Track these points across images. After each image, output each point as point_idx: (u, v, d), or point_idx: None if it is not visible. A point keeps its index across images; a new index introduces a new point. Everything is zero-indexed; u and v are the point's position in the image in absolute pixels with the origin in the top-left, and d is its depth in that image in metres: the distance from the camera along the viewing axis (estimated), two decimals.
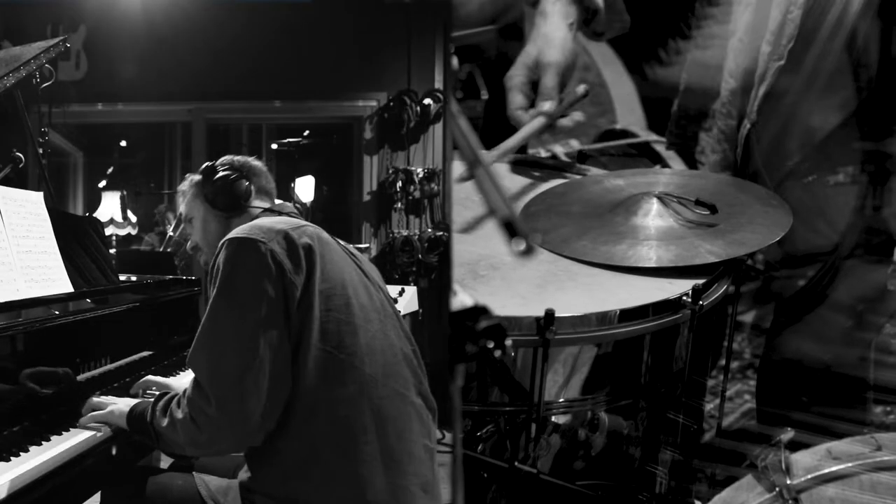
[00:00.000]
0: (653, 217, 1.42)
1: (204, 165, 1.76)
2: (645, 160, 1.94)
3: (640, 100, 2.07)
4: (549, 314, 1.16)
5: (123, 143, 7.06)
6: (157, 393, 1.64)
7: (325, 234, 1.55)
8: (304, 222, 1.57)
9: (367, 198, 4.87)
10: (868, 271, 1.60)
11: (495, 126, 1.68)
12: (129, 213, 6.38)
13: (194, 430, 1.40)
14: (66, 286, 1.86)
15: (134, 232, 6.35)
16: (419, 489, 1.45)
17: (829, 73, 1.60)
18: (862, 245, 1.62)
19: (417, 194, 4.75)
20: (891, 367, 1.57)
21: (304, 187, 4.67)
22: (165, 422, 1.43)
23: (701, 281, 1.27)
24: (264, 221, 1.54)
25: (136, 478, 1.57)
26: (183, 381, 1.77)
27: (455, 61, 1.90)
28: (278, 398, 1.39)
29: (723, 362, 1.51)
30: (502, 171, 1.71)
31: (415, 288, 4.09)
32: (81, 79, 4.70)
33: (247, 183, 1.70)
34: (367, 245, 4.83)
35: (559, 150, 1.86)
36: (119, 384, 1.85)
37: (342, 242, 1.61)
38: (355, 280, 1.52)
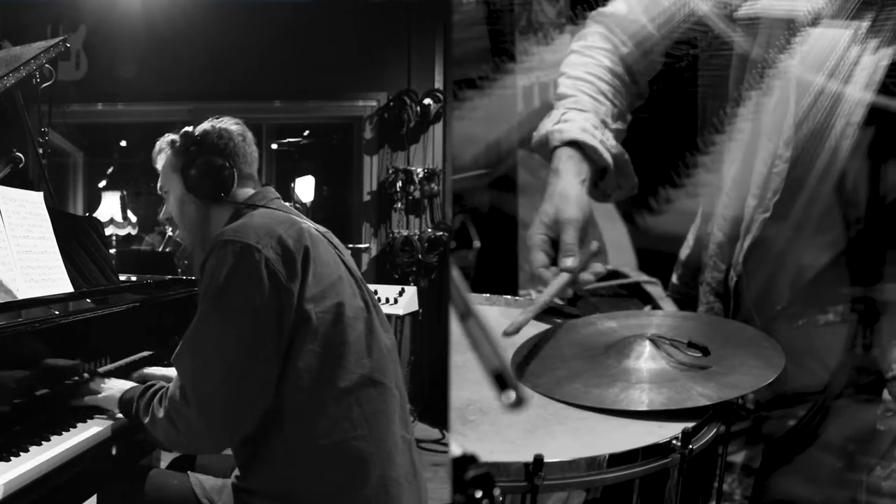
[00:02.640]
0: (645, 359, 1.42)
1: (182, 132, 1.65)
2: (636, 300, 1.96)
3: (632, 241, 2.09)
4: (538, 459, 1.17)
5: (123, 143, 7.07)
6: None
7: (313, 230, 1.54)
8: (293, 217, 1.55)
9: (367, 198, 4.87)
10: (858, 411, 1.60)
11: (487, 275, 1.71)
12: (129, 213, 6.38)
13: (172, 430, 1.42)
14: (66, 286, 1.87)
15: (134, 232, 6.35)
16: (404, 479, 1.48)
17: (818, 215, 1.61)
18: (852, 384, 1.63)
19: (417, 194, 4.75)
20: None
21: (304, 187, 4.68)
22: (147, 418, 1.46)
23: (691, 424, 1.27)
24: (255, 220, 1.50)
25: (134, 478, 1.57)
26: None
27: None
28: (258, 406, 1.40)
29: None
30: (494, 313, 1.73)
31: (415, 288, 4.10)
32: (81, 79, 4.71)
33: (229, 172, 1.60)
34: (367, 245, 4.83)
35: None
36: None
37: (324, 233, 1.60)
38: (343, 278, 1.51)
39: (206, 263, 1.44)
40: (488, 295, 1.76)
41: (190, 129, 1.66)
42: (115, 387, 1.62)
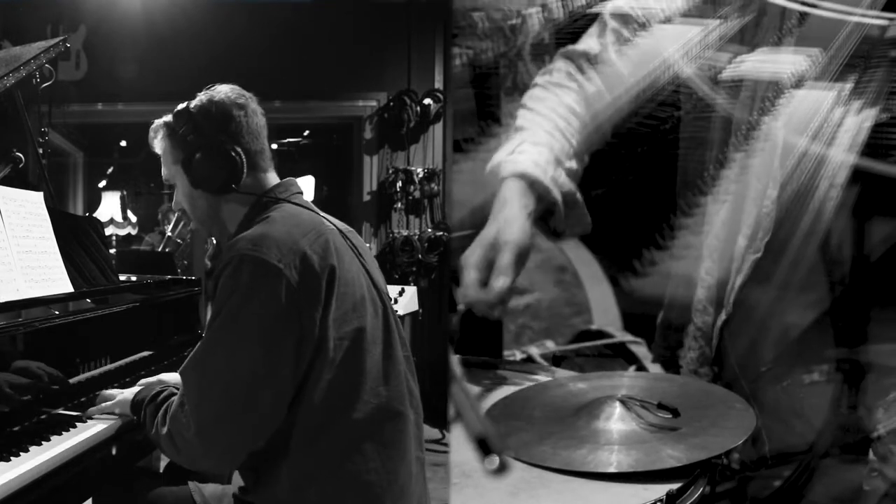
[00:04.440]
0: (615, 421, 1.42)
1: (176, 113, 1.49)
2: (620, 360, 1.96)
3: (616, 300, 2.09)
4: None
5: (123, 143, 7.07)
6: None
7: (339, 240, 1.43)
8: (316, 222, 1.44)
9: (367, 198, 4.87)
10: (844, 471, 1.60)
11: (471, 336, 1.70)
12: (129, 213, 6.39)
13: (173, 448, 1.37)
14: (66, 286, 1.86)
15: (134, 232, 6.36)
16: None
17: (802, 275, 1.61)
18: (838, 444, 1.62)
19: (417, 194, 4.75)
20: None
21: (305, 187, 4.66)
22: (153, 431, 1.42)
23: (676, 486, 1.27)
24: (277, 231, 1.35)
25: (133, 480, 1.57)
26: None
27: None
28: (263, 432, 1.33)
29: None
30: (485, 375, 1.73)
31: (415, 288, 4.09)
32: (81, 79, 4.70)
33: (235, 157, 1.44)
34: (367, 245, 4.84)
35: (534, 351, 1.88)
36: (119, 384, 1.85)
37: (351, 239, 1.49)
38: (365, 296, 1.42)
39: (221, 276, 1.33)
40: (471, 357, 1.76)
41: (182, 107, 1.49)
42: (128, 391, 1.58)
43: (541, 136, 1.66)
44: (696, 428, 1.39)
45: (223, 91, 1.49)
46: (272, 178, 1.53)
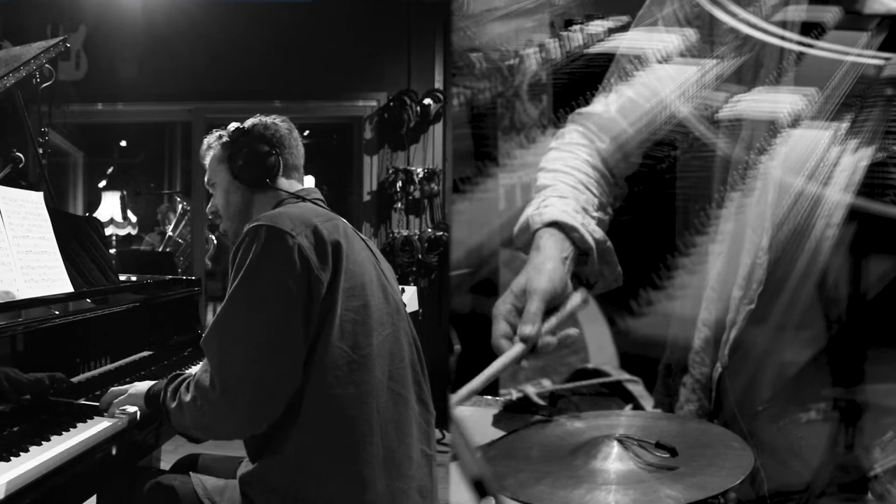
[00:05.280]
0: (612, 460, 1.41)
1: (232, 128, 1.69)
2: (617, 399, 1.95)
3: (613, 340, 2.10)
4: None
5: (123, 143, 7.08)
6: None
7: (350, 229, 1.54)
8: (331, 213, 1.56)
9: (367, 198, 4.87)
10: None
11: (468, 376, 1.71)
12: (129, 213, 6.40)
13: (198, 413, 1.42)
14: (66, 286, 1.87)
15: (134, 232, 6.37)
16: (416, 493, 1.46)
17: (799, 313, 1.60)
18: (835, 483, 1.63)
19: (417, 194, 4.75)
20: None
21: None
22: (174, 404, 1.47)
23: None
24: (292, 210, 1.51)
25: (135, 478, 1.57)
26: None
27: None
28: (285, 391, 1.40)
29: None
30: (481, 416, 1.72)
31: (415, 288, 4.10)
32: (81, 79, 4.70)
33: (275, 158, 1.64)
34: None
35: (531, 390, 1.87)
36: (119, 384, 1.85)
37: (363, 237, 1.60)
38: (374, 280, 1.51)
39: (239, 247, 1.44)
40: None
41: (237, 123, 1.69)
42: (139, 384, 1.62)
43: (565, 190, 1.68)
44: (694, 467, 1.38)
45: (274, 117, 1.71)
46: (301, 185, 1.71)
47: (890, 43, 1.50)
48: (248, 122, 1.68)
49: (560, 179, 1.70)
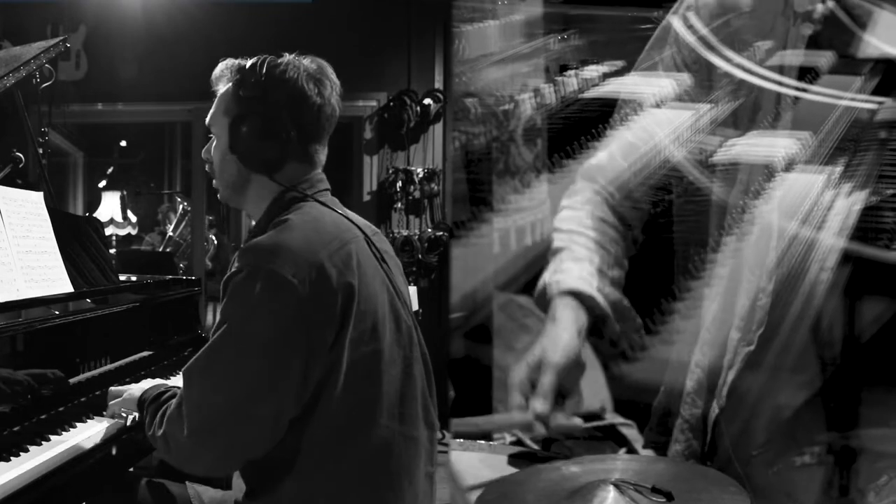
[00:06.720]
0: None
1: (250, 67, 1.40)
2: (610, 443, 1.96)
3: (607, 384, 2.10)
4: None
5: (123, 143, 7.07)
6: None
7: (363, 248, 1.38)
8: (341, 226, 1.38)
9: (367, 198, 4.87)
10: None
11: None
12: (129, 213, 6.40)
13: (167, 450, 1.35)
14: (66, 286, 1.87)
15: (134, 232, 6.37)
16: None
17: (794, 357, 1.60)
18: None
19: (417, 194, 4.75)
20: None
21: None
22: (150, 431, 1.40)
23: None
24: (296, 239, 1.29)
25: (132, 483, 1.55)
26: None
27: None
28: (258, 447, 1.30)
29: None
30: (469, 458, 1.73)
31: (415, 288, 4.10)
32: (81, 79, 4.70)
33: (284, 144, 1.37)
34: (391, 248, 4.84)
35: (524, 434, 1.88)
36: (119, 384, 1.85)
37: (376, 244, 1.44)
38: (386, 312, 1.37)
39: (231, 282, 1.29)
40: (461, 440, 1.76)
41: (258, 63, 1.40)
42: (135, 387, 1.57)
43: (580, 252, 1.70)
44: None
45: (305, 63, 1.42)
46: (309, 172, 1.45)
47: (883, 87, 1.50)
48: (271, 69, 1.38)
49: (575, 241, 1.73)
